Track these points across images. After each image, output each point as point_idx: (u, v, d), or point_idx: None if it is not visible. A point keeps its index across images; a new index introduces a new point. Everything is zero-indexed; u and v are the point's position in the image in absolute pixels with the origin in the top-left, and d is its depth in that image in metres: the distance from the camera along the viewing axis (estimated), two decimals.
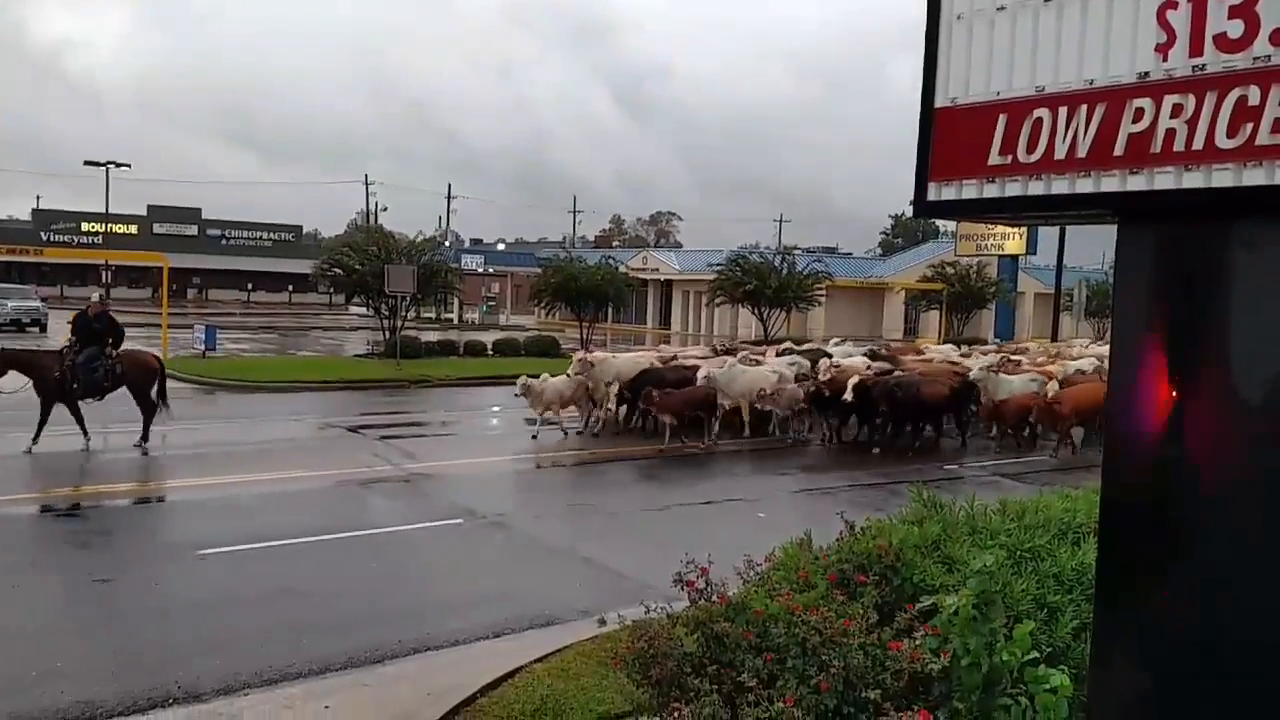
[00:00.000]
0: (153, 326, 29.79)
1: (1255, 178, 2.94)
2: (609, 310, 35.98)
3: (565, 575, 9.05)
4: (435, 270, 32.15)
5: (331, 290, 44.66)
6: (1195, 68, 3.05)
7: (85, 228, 64.67)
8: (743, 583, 5.03)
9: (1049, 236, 37.95)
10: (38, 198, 73.88)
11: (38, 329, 36.54)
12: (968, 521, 5.69)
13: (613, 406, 17.31)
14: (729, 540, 6.49)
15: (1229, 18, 2.98)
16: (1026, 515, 5.85)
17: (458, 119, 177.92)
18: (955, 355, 22.20)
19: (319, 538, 9.86)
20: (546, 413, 16.41)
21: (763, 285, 35.53)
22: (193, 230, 69.59)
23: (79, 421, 13.74)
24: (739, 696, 4.10)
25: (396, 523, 10.81)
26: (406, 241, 34.05)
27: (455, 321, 53.92)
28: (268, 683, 6.41)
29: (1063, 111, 3.35)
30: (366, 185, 72.88)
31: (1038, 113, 3.42)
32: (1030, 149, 3.44)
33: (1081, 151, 3.31)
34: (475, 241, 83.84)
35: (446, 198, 79.58)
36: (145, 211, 68.40)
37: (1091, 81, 3.29)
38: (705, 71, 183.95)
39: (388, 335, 29.98)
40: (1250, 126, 2.93)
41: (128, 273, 61.66)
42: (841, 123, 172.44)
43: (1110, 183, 3.26)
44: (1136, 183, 3.19)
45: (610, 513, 11.81)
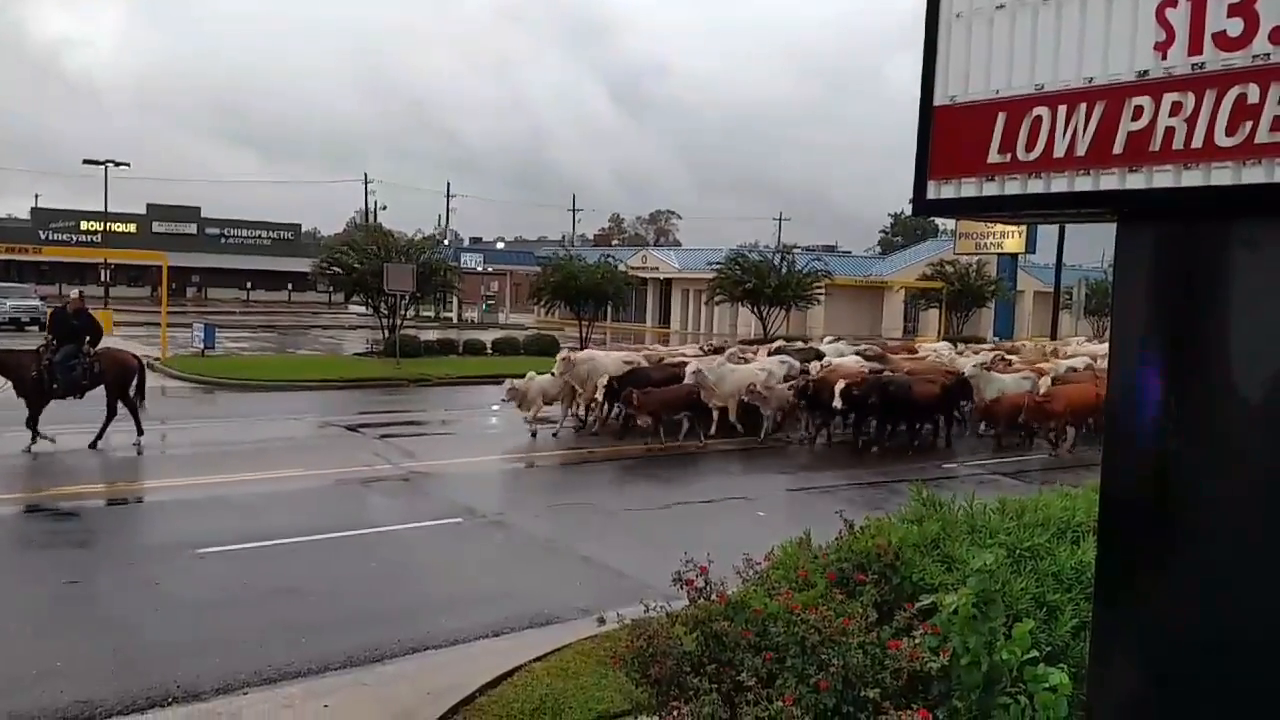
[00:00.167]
0: (152, 325, 29.80)
1: (1255, 176, 2.93)
2: (608, 309, 35.96)
3: (564, 574, 9.05)
4: (434, 269, 32.12)
5: (331, 289, 44.76)
6: (1194, 66, 3.05)
7: (84, 226, 64.60)
8: (742, 581, 5.02)
9: (1048, 235, 37.96)
10: (36, 196, 74.21)
11: (37, 327, 36.47)
12: (967, 520, 5.69)
13: (601, 405, 16.98)
14: (728, 539, 6.50)
15: (1228, 16, 2.97)
16: (1026, 514, 5.84)
17: (457, 118, 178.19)
18: (946, 354, 21.95)
19: (318, 537, 9.87)
20: (531, 410, 16.24)
21: (762, 284, 35.50)
22: (192, 229, 69.54)
23: (35, 419, 13.40)
24: (738, 695, 4.10)
25: (396, 522, 10.81)
26: (406, 240, 34.07)
27: (454, 320, 53.91)
28: (267, 682, 6.41)
29: (1062, 110, 3.35)
30: (366, 184, 73.08)
31: (1037, 111, 3.41)
32: (1029, 147, 3.44)
33: (1081, 150, 3.31)
34: (474, 240, 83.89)
35: (446, 196, 79.84)
36: (144, 210, 68.34)
37: (1091, 80, 3.29)
38: (704, 70, 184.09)
39: (387, 334, 29.97)
40: (1249, 124, 2.93)
41: (127, 271, 61.60)
42: (841, 121, 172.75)
43: (1109, 181, 3.25)
44: (1135, 181, 3.19)
45: (609, 511, 11.82)
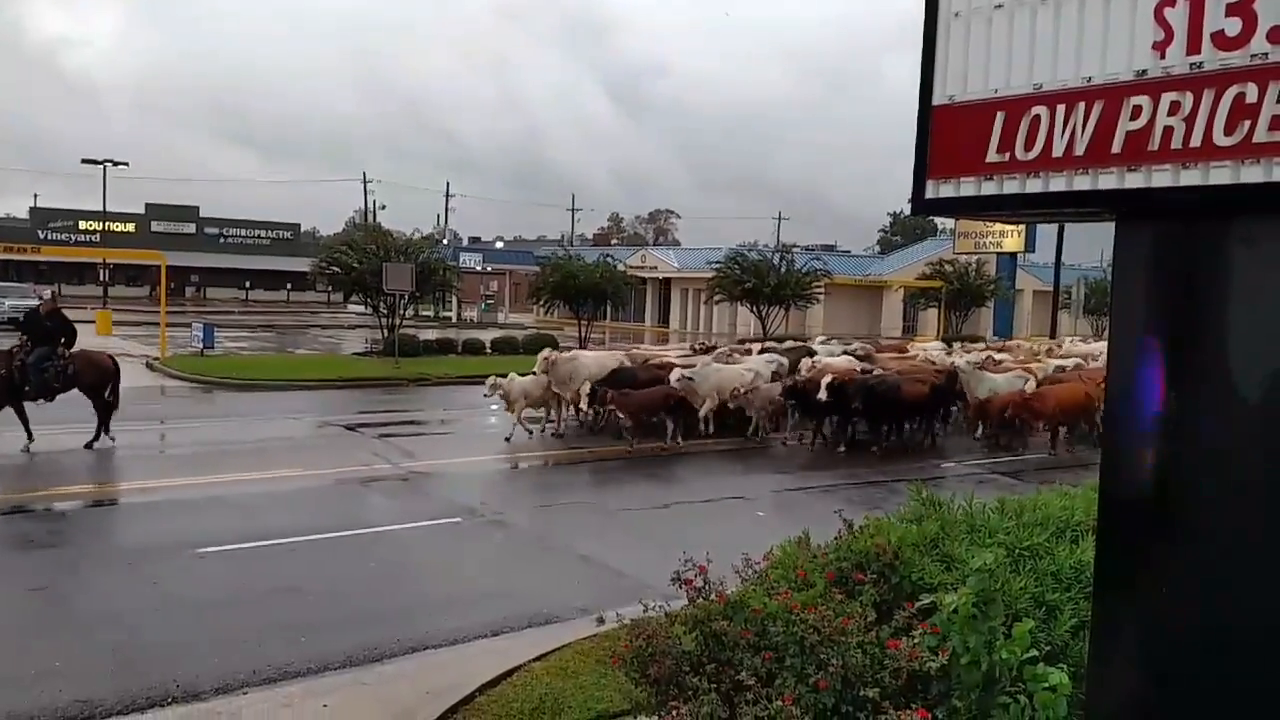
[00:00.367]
0: (151, 325, 29.78)
1: (1253, 175, 2.93)
2: (608, 308, 35.96)
3: (564, 574, 9.05)
4: (433, 268, 32.14)
5: (330, 288, 44.75)
6: (1193, 65, 3.05)
7: (83, 226, 64.50)
8: (741, 581, 5.02)
9: (1048, 234, 38.04)
10: (35, 196, 74.15)
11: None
12: (966, 520, 5.68)
13: (584, 406, 16.57)
14: (727, 538, 6.49)
15: (1226, 15, 2.98)
16: (1025, 513, 5.83)
17: (456, 118, 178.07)
18: (936, 353, 21.79)
19: (317, 536, 9.87)
20: (515, 411, 16.09)
21: (761, 283, 35.47)
22: (190, 228, 69.45)
23: (24, 419, 13.30)
24: (737, 695, 4.09)
25: (395, 521, 10.81)
26: (405, 240, 34.05)
27: (454, 320, 53.93)
28: (266, 681, 6.42)
29: (1060, 109, 3.35)
30: (364, 184, 72.87)
31: (1035, 110, 3.41)
32: (1028, 146, 3.44)
33: (1079, 149, 3.31)
34: (473, 240, 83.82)
35: (445, 196, 79.77)
36: (143, 210, 68.26)
37: (1089, 79, 3.29)
38: (702, 69, 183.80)
39: (386, 333, 29.97)
40: (1248, 124, 2.93)
41: (125, 271, 61.54)
42: (840, 120, 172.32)
43: (1108, 180, 3.25)
44: (1134, 180, 3.19)
45: (608, 511, 11.82)
